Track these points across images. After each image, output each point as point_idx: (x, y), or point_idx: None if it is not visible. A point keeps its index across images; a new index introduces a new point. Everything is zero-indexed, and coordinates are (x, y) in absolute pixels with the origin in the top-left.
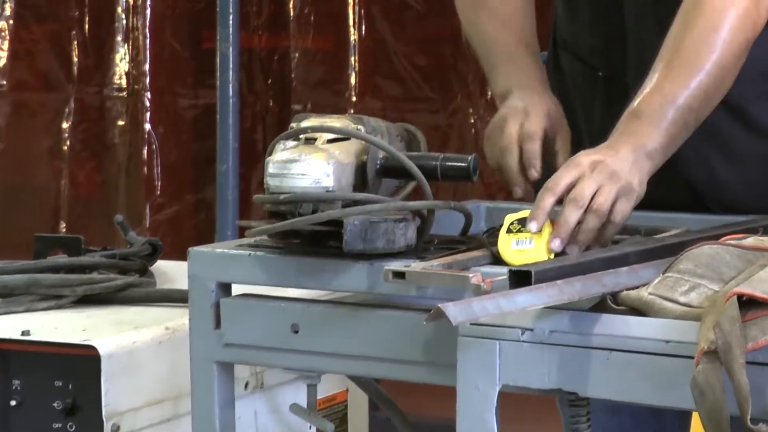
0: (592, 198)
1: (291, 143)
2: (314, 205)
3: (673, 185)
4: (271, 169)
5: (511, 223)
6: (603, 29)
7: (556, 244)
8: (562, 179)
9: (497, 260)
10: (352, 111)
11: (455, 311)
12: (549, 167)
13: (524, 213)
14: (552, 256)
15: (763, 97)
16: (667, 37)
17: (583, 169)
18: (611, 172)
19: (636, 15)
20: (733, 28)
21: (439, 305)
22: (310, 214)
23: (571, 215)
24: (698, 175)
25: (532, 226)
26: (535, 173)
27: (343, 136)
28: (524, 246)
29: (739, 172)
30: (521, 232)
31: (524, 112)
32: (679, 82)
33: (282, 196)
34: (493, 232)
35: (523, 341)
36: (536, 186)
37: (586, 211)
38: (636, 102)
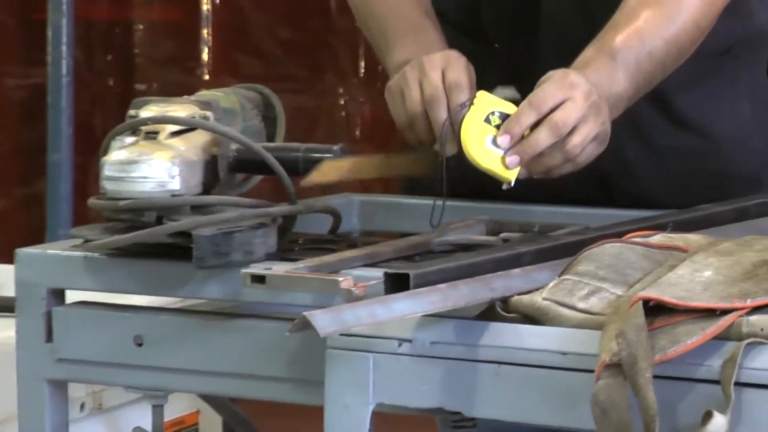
0: (569, 131)
1: (130, 138)
2: (159, 212)
3: (581, 174)
4: (107, 171)
5: (492, 113)
6: (507, 2)
7: (515, 161)
8: (551, 98)
9: (459, 157)
10: (204, 90)
11: (323, 320)
12: None
13: (504, 104)
14: (514, 178)
15: (686, 86)
16: None
17: (575, 93)
18: (599, 111)
19: None
20: None
21: (305, 313)
22: (155, 223)
23: (544, 140)
24: (611, 166)
25: (504, 139)
26: None
27: (189, 127)
28: (496, 150)
29: (656, 166)
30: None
31: (443, 59)
32: (658, 31)
33: (121, 203)
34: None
35: (400, 354)
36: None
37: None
38: (609, 35)
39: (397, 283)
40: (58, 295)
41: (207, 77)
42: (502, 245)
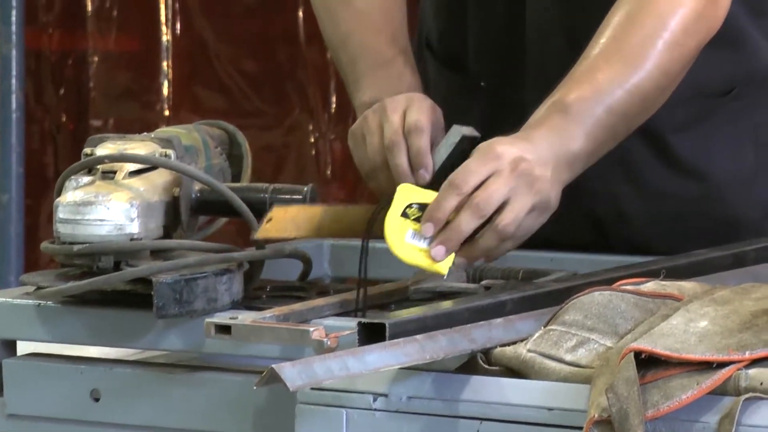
0: (500, 208)
1: (85, 178)
2: (116, 257)
3: (574, 220)
4: (61, 213)
5: (409, 206)
6: (495, 37)
7: (440, 253)
8: (472, 175)
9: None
10: (164, 127)
11: (293, 373)
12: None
13: (425, 194)
14: (446, 269)
15: (683, 127)
16: (604, 25)
17: (500, 165)
18: (532, 179)
19: (540, 23)
20: (685, 30)
21: (273, 366)
22: (112, 269)
23: (467, 224)
24: (603, 210)
25: (427, 228)
26: (426, 175)
27: (149, 166)
28: (420, 243)
29: (652, 211)
30: (419, 221)
31: (406, 100)
32: (617, 81)
33: (76, 248)
34: (383, 207)
35: (375, 409)
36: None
37: (488, 221)
38: (563, 90)
39: (371, 334)
40: (8, 346)
41: (167, 113)
42: (484, 293)
